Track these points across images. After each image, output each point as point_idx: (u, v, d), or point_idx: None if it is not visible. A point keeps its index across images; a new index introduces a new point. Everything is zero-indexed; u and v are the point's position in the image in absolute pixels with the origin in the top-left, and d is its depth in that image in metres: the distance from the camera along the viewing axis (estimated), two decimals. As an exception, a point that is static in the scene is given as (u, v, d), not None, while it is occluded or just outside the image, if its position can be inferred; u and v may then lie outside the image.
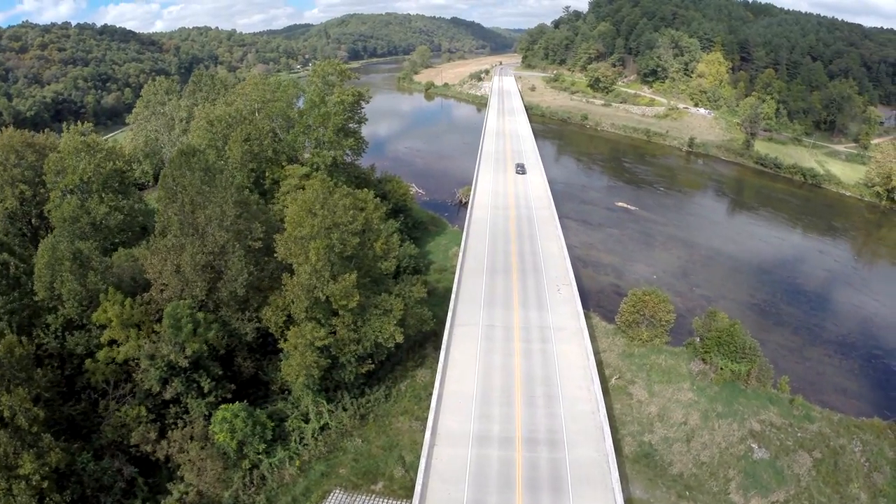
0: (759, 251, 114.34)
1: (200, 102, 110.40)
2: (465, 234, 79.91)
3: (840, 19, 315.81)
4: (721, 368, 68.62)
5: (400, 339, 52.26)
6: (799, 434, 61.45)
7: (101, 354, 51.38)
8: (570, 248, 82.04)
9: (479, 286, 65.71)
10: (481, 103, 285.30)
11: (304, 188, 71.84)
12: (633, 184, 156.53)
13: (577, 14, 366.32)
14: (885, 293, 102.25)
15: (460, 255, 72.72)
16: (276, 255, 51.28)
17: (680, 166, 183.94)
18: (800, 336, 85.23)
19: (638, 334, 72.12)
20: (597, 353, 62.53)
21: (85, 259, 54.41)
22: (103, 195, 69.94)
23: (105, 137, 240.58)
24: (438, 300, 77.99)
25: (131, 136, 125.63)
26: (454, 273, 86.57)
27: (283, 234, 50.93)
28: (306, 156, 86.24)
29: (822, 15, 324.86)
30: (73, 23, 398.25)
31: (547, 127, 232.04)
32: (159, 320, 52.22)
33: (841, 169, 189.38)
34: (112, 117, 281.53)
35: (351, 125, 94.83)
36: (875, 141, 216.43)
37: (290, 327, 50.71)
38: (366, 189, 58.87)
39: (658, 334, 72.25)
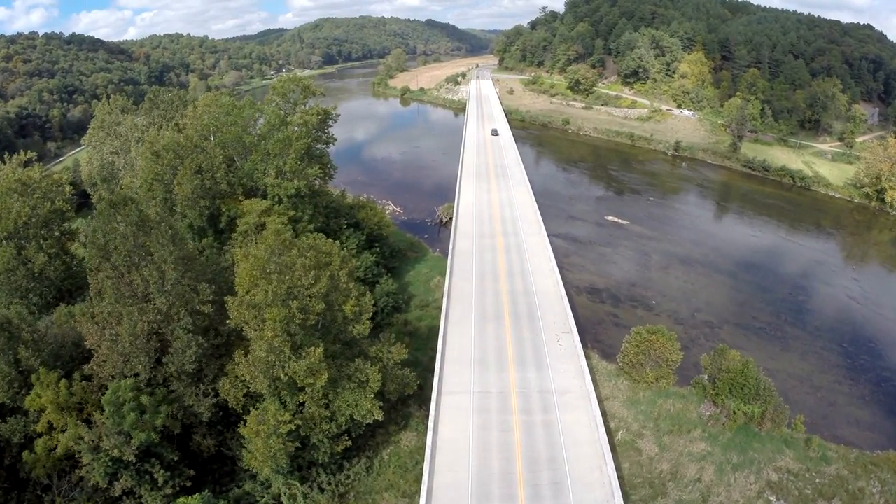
0: (758, 265, 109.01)
1: (158, 121, 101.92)
2: (448, 270, 71.47)
3: (817, 16, 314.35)
4: (734, 412, 62.85)
5: (379, 415, 44.90)
6: (817, 480, 56.33)
7: (38, 445, 43.77)
8: (561, 270, 75.37)
9: (468, 340, 57.40)
10: (458, 108, 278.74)
11: (264, 226, 64.29)
12: (621, 193, 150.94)
13: (554, 15, 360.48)
14: (886, 305, 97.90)
15: (444, 299, 64.23)
16: (230, 320, 43.79)
17: (667, 172, 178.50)
18: (808, 362, 79.87)
19: (643, 376, 65.79)
20: (600, 400, 56.09)
21: (14, 329, 46.66)
22: (42, 241, 62.10)
23: (69, 154, 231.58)
24: (421, 343, 70.93)
25: (87, 157, 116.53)
26: (438, 308, 78.81)
27: (234, 296, 43.36)
28: (268, 182, 76.83)
29: (799, 12, 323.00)
30: (44, 32, 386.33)
31: (528, 132, 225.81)
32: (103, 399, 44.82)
33: (828, 169, 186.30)
34: (78, 131, 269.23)
35: (318, 146, 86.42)
36: (860, 139, 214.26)
37: (251, 408, 43.47)
38: (330, 240, 50.57)
39: (664, 375, 65.99)
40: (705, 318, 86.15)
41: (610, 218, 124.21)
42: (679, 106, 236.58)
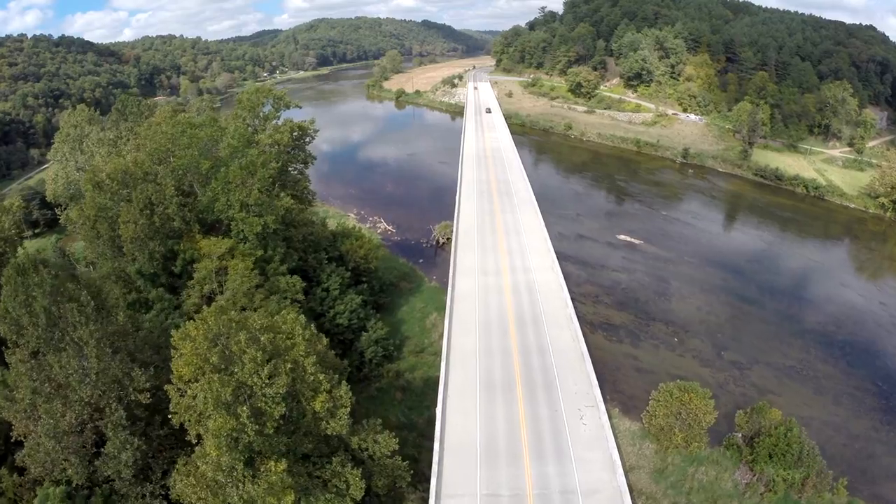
0: (782, 290, 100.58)
1: (125, 135, 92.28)
2: (447, 320, 58.79)
3: (818, 16, 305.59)
4: (774, 480, 54.58)
5: (363, 532, 36.18)
6: (861, 556, 48.27)
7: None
8: (573, 302, 65.12)
9: (472, 420, 45.51)
10: (455, 111, 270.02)
11: (227, 270, 54.76)
12: (631, 207, 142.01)
13: (553, 15, 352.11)
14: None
15: (443, 362, 52.00)
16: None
17: (677, 182, 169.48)
18: (842, 406, 72.09)
19: (672, 440, 57.17)
20: (624, 471, 47.38)
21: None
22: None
23: (53, 161, 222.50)
24: (415, 399, 62.07)
25: (52, 174, 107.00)
26: (434, 354, 69.43)
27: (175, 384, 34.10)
28: (231, 215, 63.02)
29: (801, 13, 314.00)
30: (38, 33, 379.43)
31: (528, 138, 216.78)
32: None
33: (840, 176, 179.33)
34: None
35: (295, 166, 75.44)
36: (869, 144, 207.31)
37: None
38: (294, 314, 39.56)
39: (696, 437, 57.30)
40: (733, 357, 77.52)
41: (622, 237, 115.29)
42: (685, 110, 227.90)
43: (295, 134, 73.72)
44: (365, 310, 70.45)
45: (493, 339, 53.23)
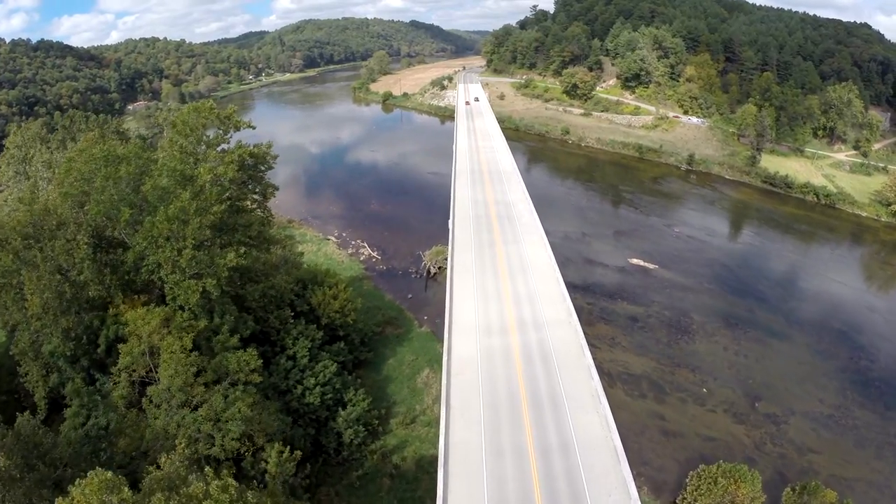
0: (810, 320, 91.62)
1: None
2: (443, 407, 44.13)
3: (815, 15, 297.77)
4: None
5: None
6: None
7: None
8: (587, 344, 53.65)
9: None
10: (445, 115, 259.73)
11: (158, 352, 43.60)
12: (640, 223, 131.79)
13: (545, 14, 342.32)
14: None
15: (440, 469, 38.04)
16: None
17: (684, 192, 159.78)
18: (884, 460, 64.11)
19: (716, 531, 47.96)
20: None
21: None
22: None
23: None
24: (405, 488, 52.26)
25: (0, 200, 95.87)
26: (427, 424, 59.30)
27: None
28: (163, 276, 49.33)
29: (791, 10, 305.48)
30: (22, 37, 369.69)
31: (524, 144, 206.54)
32: None
33: (848, 182, 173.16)
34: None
35: (252, 197, 61.56)
36: (874, 147, 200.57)
37: None
38: (221, 480, 28.70)
39: (742, 525, 48.17)
40: (768, 408, 68.23)
41: (634, 261, 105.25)
42: (685, 112, 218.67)
43: (248, 162, 59.06)
44: (342, 378, 58.65)
45: (502, 433, 41.31)
